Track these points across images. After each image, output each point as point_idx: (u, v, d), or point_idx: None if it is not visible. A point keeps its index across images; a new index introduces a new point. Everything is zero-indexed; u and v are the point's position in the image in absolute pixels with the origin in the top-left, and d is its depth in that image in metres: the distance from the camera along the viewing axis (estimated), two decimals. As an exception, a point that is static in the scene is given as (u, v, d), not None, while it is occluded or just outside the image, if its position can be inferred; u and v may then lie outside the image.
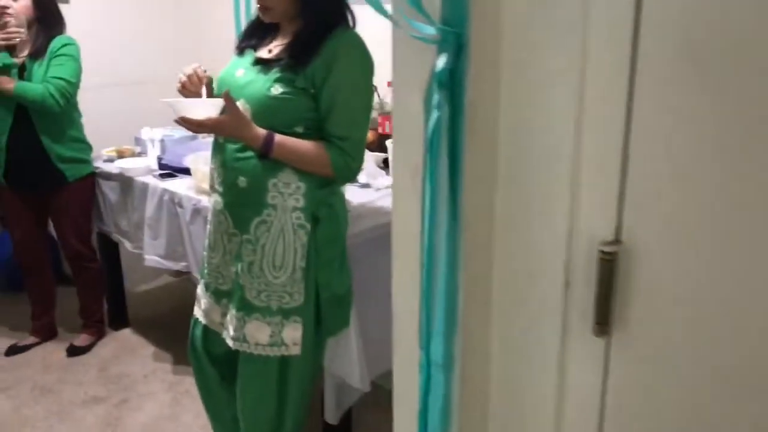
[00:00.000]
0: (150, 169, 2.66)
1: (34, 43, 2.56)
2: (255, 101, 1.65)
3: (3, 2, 2.47)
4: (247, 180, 1.69)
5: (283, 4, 1.64)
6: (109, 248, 3.02)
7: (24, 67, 2.55)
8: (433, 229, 0.89)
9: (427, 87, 0.87)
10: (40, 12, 2.56)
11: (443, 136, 0.85)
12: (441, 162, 0.86)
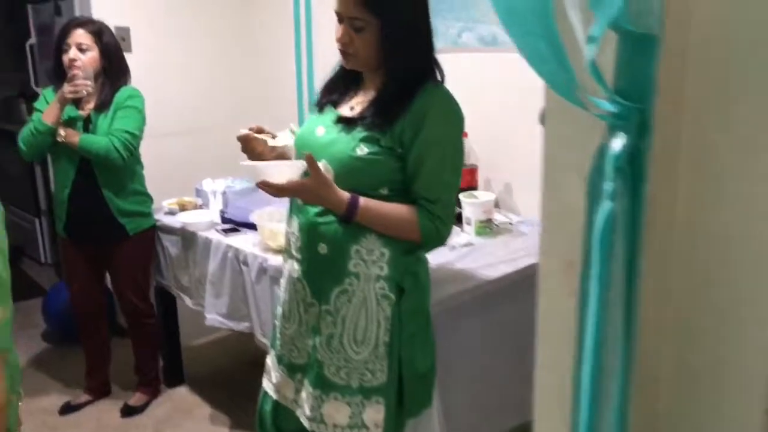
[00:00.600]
0: (213, 223, 2.56)
1: (99, 95, 2.51)
2: (338, 162, 1.53)
3: (72, 54, 2.43)
4: (328, 246, 1.56)
5: (367, 49, 1.51)
6: (166, 301, 2.92)
7: (89, 119, 2.51)
8: (599, 347, 0.73)
9: (592, 171, 0.71)
10: (106, 63, 2.52)
11: (618, 233, 0.69)
12: (614, 264, 0.70)
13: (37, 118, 2.45)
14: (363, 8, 1.47)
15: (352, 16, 1.49)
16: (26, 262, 4.73)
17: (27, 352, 3.31)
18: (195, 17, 3.32)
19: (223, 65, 3.45)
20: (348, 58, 1.55)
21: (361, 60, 1.54)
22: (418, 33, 1.54)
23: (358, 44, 1.50)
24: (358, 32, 1.49)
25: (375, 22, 1.48)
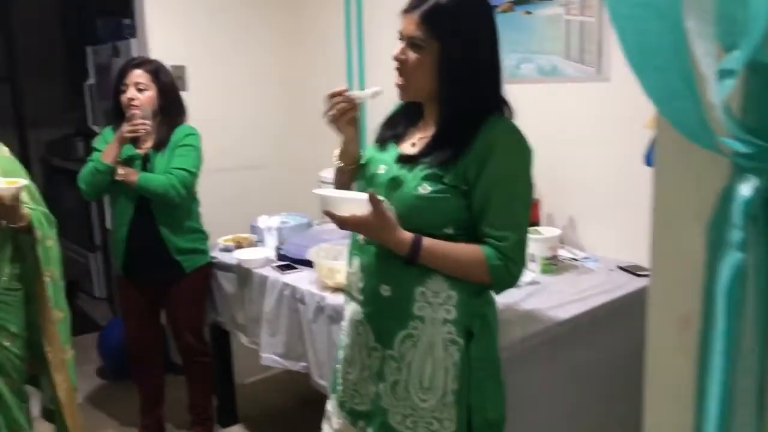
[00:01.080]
0: (268, 260, 2.53)
1: (157, 134, 2.53)
2: (400, 201, 1.48)
3: (130, 94, 2.46)
4: (392, 288, 1.50)
5: (422, 72, 1.45)
6: (221, 339, 2.89)
7: (147, 157, 2.53)
8: (725, 416, 0.64)
9: (716, 217, 0.64)
10: (164, 102, 2.54)
11: (749, 287, 0.61)
12: (742, 322, 0.62)
13: (96, 158, 2.47)
14: (424, 28, 1.43)
15: (412, 35, 1.44)
16: (81, 296, 4.80)
17: (82, 388, 3.31)
18: (248, 56, 3.35)
19: (276, 102, 3.47)
20: (402, 90, 1.51)
21: (413, 87, 1.49)
22: (481, 63, 1.47)
23: (413, 64, 1.45)
24: (415, 51, 1.45)
25: (435, 44, 1.43)
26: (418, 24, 1.43)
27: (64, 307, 2.24)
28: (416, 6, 1.44)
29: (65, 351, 2.22)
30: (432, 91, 1.48)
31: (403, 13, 1.47)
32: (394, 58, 1.48)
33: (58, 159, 5.10)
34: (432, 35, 1.42)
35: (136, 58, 2.67)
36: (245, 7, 3.31)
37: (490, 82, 1.51)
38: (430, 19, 1.42)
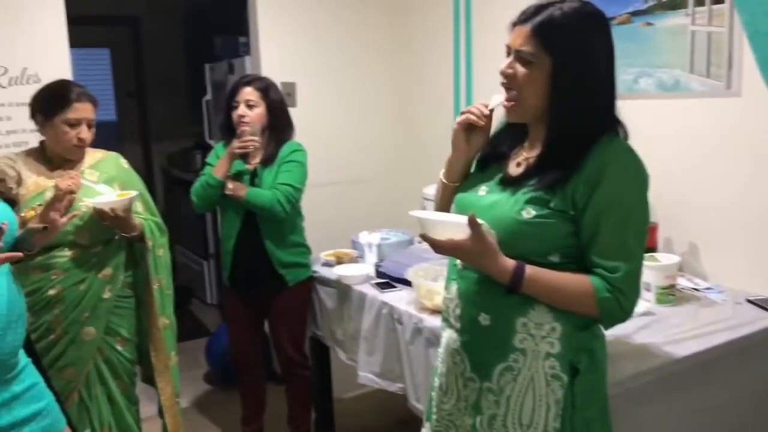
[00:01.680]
0: (368, 277, 2.51)
1: (265, 150, 2.58)
2: (502, 226, 1.38)
3: (240, 111, 2.53)
4: (491, 317, 1.42)
5: (531, 89, 1.36)
6: (320, 353, 2.90)
7: (255, 173, 2.58)
8: None
9: None
10: (273, 119, 2.59)
11: None
12: None
13: (208, 172, 2.56)
14: (535, 42, 1.34)
15: (521, 49, 1.35)
16: (194, 302, 5.01)
17: (189, 392, 3.44)
18: (356, 72, 3.37)
19: (381, 118, 3.47)
20: (511, 111, 1.42)
21: (524, 105, 1.39)
22: (596, 81, 1.37)
23: (522, 80, 1.36)
24: (524, 66, 1.36)
25: (546, 59, 1.34)
26: (529, 37, 1.34)
27: (171, 314, 2.32)
28: (527, 18, 1.36)
29: (170, 357, 2.30)
30: (541, 109, 1.39)
31: (512, 26, 1.39)
32: (501, 73, 1.40)
33: (177, 170, 5.38)
34: (544, 49, 1.34)
35: (247, 75, 2.74)
36: (354, 26, 3.34)
37: (604, 100, 1.39)
38: (543, 32, 1.33)
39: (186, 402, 2.74)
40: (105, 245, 2.15)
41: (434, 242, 1.36)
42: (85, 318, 2.09)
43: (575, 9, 1.34)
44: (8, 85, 2.62)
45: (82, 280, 2.09)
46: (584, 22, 1.35)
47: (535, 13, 1.35)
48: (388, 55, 3.44)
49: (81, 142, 2.11)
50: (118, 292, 2.19)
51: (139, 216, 2.21)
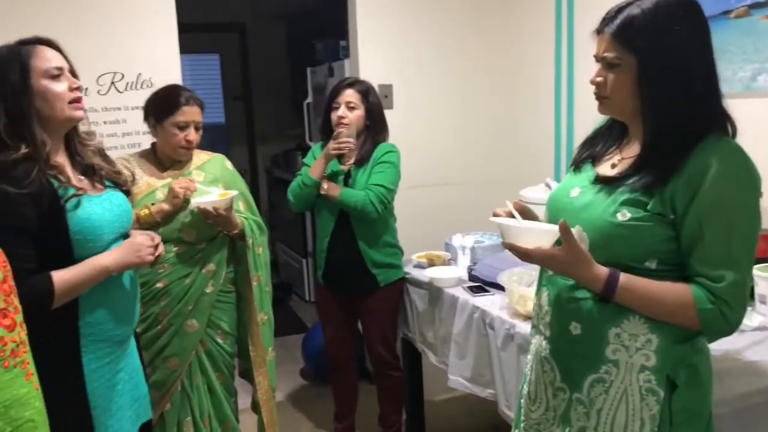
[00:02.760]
0: (460, 280, 2.49)
1: (360, 151, 2.62)
2: (594, 229, 1.33)
3: (341, 112, 2.58)
4: (582, 326, 1.37)
5: (620, 91, 1.31)
6: (412, 354, 2.90)
7: (349, 173, 2.63)
8: None
9: None
10: (369, 121, 2.63)
11: None
12: None
13: (304, 172, 2.63)
14: (617, 45, 1.29)
15: (605, 55, 1.31)
16: (294, 299, 5.16)
17: (285, 387, 3.54)
18: (451, 74, 3.35)
19: (477, 120, 3.43)
20: (602, 102, 1.37)
21: (615, 104, 1.35)
22: (688, 75, 1.28)
23: (611, 85, 1.32)
24: (611, 71, 1.31)
25: (631, 59, 1.28)
26: (610, 42, 1.30)
27: (269, 310, 2.40)
28: (607, 24, 1.32)
29: (267, 352, 2.38)
30: (635, 108, 1.33)
31: (595, 34, 1.35)
32: (591, 82, 1.36)
33: (279, 171, 5.56)
34: (627, 50, 1.29)
35: (348, 78, 2.79)
36: (451, 28, 3.32)
37: (704, 96, 1.31)
38: (623, 33, 1.29)
39: (281, 396, 2.82)
40: (209, 242, 2.25)
41: (521, 251, 1.32)
42: (189, 311, 2.20)
43: (655, 2, 1.28)
44: (124, 90, 2.80)
45: (187, 274, 2.20)
46: (666, 14, 1.28)
47: (615, 16, 1.31)
48: (485, 56, 3.39)
49: (188, 143, 2.22)
50: (221, 287, 2.28)
51: (241, 215, 2.30)
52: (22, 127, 1.52)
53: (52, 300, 1.50)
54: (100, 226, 1.59)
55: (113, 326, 1.65)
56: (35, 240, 1.49)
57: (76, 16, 2.67)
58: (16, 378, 1.22)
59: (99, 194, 1.65)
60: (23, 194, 1.47)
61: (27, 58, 1.54)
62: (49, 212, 1.51)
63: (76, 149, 1.68)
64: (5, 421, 1.18)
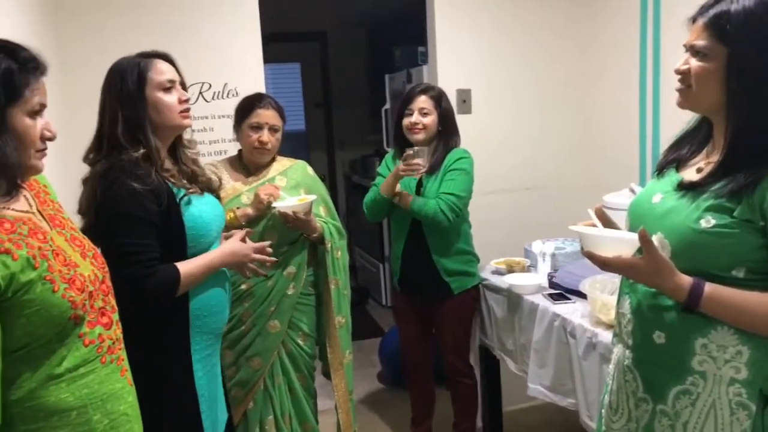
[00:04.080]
0: (540, 287, 2.45)
1: (431, 159, 2.60)
2: (677, 236, 1.29)
3: (414, 119, 2.58)
4: (666, 335, 1.32)
5: (704, 81, 1.26)
6: (489, 361, 2.88)
7: (420, 181, 2.62)
8: None
9: None
10: (442, 126, 2.62)
11: None
12: None
13: (378, 184, 2.64)
14: (708, 34, 1.25)
15: (694, 43, 1.27)
16: (371, 303, 5.21)
17: (363, 390, 3.58)
18: (532, 77, 3.31)
19: (558, 123, 3.37)
20: (683, 94, 1.32)
21: (697, 96, 1.29)
22: None
23: (696, 73, 1.27)
24: (699, 60, 1.26)
25: (721, 50, 1.23)
26: (702, 30, 1.26)
27: (347, 313, 2.44)
28: (702, 12, 1.27)
29: (344, 355, 2.42)
30: (718, 103, 1.28)
31: (691, 21, 1.31)
32: (676, 71, 1.32)
33: (357, 176, 5.64)
34: (717, 40, 1.24)
35: (420, 84, 2.79)
36: (531, 31, 3.28)
37: None
38: (716, 22, 1.24)
39: (359, 399, 2.85)
40: (290, 245, 2.31)
41: (600, 260, 1.29)
42: (271, 312, 2.27)
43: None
44: (211, 99, 2.92)
45: (270, 276, 2.26)
46: (765, 7, 1.22)
47: (712, 5, 1.26)
48: (566, 59, 3.33)
49: (261, 144, 2.29)
50: (301, 289, 2.34)
51: (321, 219, 2.35)
52: (138, 133, 1.67)
53: (178, 288, 1.63)
54: (209, 223, 1.75)
55: (215, 319, 1.77)
56: (158, 234, 1.63)
57: (169, 30, 2.80)
58: (112, 373, 1.30)
59: (201, 196, 1.79)
60: (147, 190, 1.62)
61: (144, 70, 1.69)
62: (168, 209, 1.65)
63: (180, 157, 1.83)
64: (102, 413, 1.26)
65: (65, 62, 2.62)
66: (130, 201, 1.59)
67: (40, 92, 1.20)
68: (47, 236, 1.22)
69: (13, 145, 1.14)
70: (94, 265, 1.30)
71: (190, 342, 1.71)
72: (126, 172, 1.61)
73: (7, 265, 1.11)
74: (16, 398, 1.15)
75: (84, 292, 1.22)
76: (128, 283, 1.45)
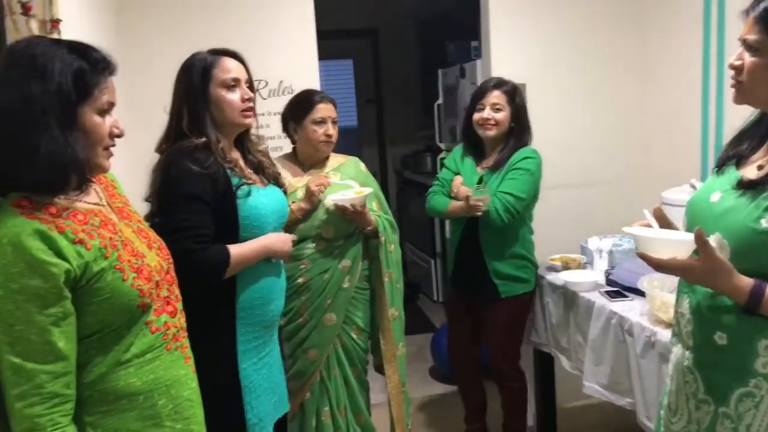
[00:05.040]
0: (597, 284, 2.41)
1: (498, 155, 2.58)
2: (735, 236, 1.25)
3: (486, 114, 2.54)
4: (728, 337, 1.28)
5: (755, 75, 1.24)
6: (543, 358, 2.85)
7: (482, 178, 2.59)
8: None
9: None
10: (514, 123, 2.57)
11: None
12: None
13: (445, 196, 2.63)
14: (758, 28, 1.22)
15: (746, 37, 1.24)
16: (422, 298, 5.21)
17: (415, 385, 3.57)
18: (590, 71, 3.24)
19: (616, 119, 3.30)
20: (737, 89, 1.29)
21: (750, 91, 1.26)
22: None
23: (747, 68, 1.24)
24: (751, 54, 1.24)
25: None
26: (753, 24, 1.23)
27: (400, 306, 2.46)
28: (752, 6, 1.25)
29: (398, 347, 2.44)
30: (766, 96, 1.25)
31: (745, 14, 1.28)
32: (729, 66, 1.30)
33: (409, 172, 5.64)
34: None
35: (493, 78, 2.71)
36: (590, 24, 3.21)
37: None
38: (765, 16, 1.21)
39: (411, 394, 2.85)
40: (345, 239, 2.33)
41: (655, 262, 1.26)
42: (327, 305, 2.29)
43: None
44: (267, 96, 2.97)
45: (326, 270, 2.29)
46: None
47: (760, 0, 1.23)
48: (625, 52, 3.25)
49: (328, 137, 2.33)
50: (356, 283, 2.36)
51: (374, 213, 2.37)
52: (199, 126, 1.74)
53: (226, 269, 1.68)
54: (266, 215, 1.78)
55: (263, 311, 1.80)
56: (213, 215, 1.69)
57: (228, 30, 2.86)
58: (176, 360, 1.34)
59: (264, 188, 1.84)
60: (204, 173, 1.68)
61: (210, 67, 1.76)
62: (223, 195, 1.71)
63: (248, 148, 1.89)
64: (167, 398, 1.30)
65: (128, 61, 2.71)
66: (187, 181, 1.67)
67: (110, 91, 1.25)
68: (116, 227, 1.27)
69: (83, 141, 1.19)
70: (159, 256, 1.35)
71: (236, 334, 1.75)
72: (185, 154, 1.69)
73: (81, 254, 1.16)
74: (88, 381, 1.21)
75: (151, 282, 1.27)
76: (178, 256, 1.46)
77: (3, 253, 1.10)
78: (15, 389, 1.11)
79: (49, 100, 1.14)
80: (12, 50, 1.21)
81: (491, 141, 2.59)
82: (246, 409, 1.76)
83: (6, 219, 1.13)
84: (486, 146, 2.64)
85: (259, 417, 1.80)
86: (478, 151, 2.66)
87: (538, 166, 2.54)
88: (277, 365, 1.91)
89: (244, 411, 1.76)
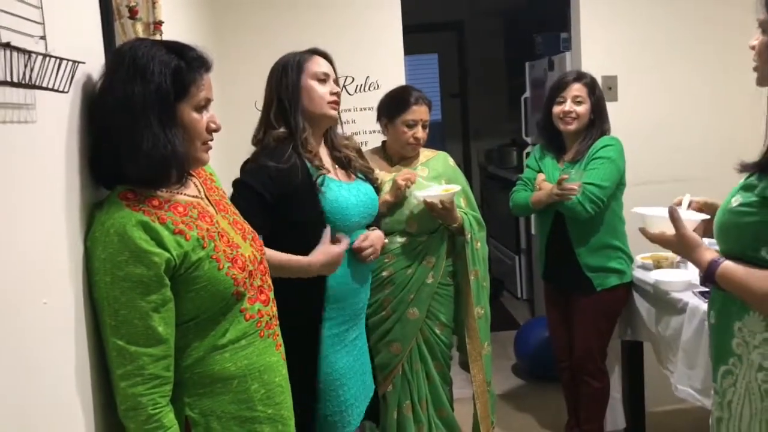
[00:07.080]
0: (690, 284, 2.31)
1: (578, 146, 2.53)
2: (718, 216, 1.35)
3: (567, 107, 2.51)
4: (716, 315, 1.38)
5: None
6: (634, 359, 2.76)
7: (564, 170, 2.54)
8: None
9: None
10: (594, 115, 2.53)
11: None
12: None
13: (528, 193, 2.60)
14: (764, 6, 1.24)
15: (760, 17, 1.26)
16: (505, 295, 5.15)
17: (498, 382, 3.54)
18: (683, 63, 3.12)
19: (712, 112, 3.15)
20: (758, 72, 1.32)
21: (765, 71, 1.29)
22: None
23: (759, 48, 1.27)
24: (764, 34, 1.25)
25: None
26: (763, 4, 1.25)
27: (485, 304, 2.44)
28: None
29: (483, 346, 2.42)
30: None
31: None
32: (750, 47, 1.31)
33: (493, 167, 5.58)
34: None
35: (572, 71, 2.70)
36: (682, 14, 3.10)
37: None
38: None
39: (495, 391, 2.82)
40: (430, 235, 2.34)
41: (649, 236, 1.49)
42: (410, 299, 2.32)
43: None
44: (354, 92, 3.02)
45: (410, 264, 2.31)
46: None
47: None
48: (718, 47, 3.09)
49: (416, 140, 2.35)
50: (440, 279, 2.37)
51: (461, 210, 2.37)
52: (288, 113, 1.84)
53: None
54: (347, 208, 1.84)
55: (350, 302, 1.88)
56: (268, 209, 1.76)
57: (317, 27, 2.93)
58: (268, 347, 1.40)
59: (349, 182, 1.91)
60: (278, 168, 1.77)
61: (304, 61, 1.88)
62: (302, 184, 1.79)
63: (333, 143, 1.96)
64: (260, 383, 1.36)
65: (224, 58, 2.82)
66: (251, 173, 1.79)
67: (206, 88, 1.30)
68: (213, 219, 1.33)
69: (181, 137, 1.25)
70: (253, 247, 1.41)
71: (321, 321, 1.82)
72: (266, 152, 1.80)
73: (181, 244, 1.22)
74: (186, 365, 1.27)
75: (245, 271, 1.32)
76: None
77: (110, 243, 1.18)
78: (119, 369, 1.18)
79: (150, 99, 1.20)
80: (118, 52, 1.29)
81: (571, 134, 2.54)
82: (320, 394, 1.83)
83: (113, 210, 1.20)
84: (566, 139, 2.60)
85: (338, 404, 1.86)
86: (557, 146, 2.63)
87: (620, 152, 2.49)
88: (364, 351, 1.98)
89: (316, 395, 1.82)
